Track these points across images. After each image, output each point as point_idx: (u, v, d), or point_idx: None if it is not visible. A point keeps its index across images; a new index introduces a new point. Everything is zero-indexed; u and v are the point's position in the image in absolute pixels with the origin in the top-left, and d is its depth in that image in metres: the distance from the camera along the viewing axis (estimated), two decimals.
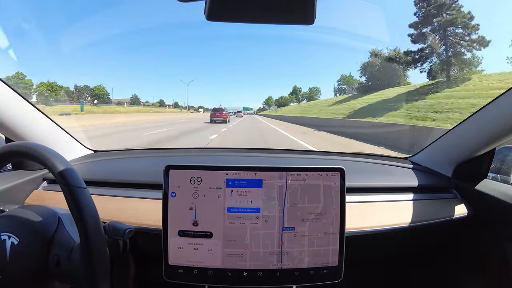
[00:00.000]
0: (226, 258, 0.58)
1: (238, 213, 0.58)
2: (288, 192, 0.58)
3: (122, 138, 8.29)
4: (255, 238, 0.58)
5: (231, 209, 0.58)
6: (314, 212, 0.59)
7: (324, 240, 0.59)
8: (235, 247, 0.58)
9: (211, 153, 1.30)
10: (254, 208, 0.58)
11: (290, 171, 0.59)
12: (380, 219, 0.75)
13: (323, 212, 0.59)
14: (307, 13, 0.43)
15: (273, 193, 0.58)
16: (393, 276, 1.03)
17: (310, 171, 0.59)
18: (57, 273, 0.51)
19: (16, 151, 0.53)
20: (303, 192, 0.59)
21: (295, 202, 0.58)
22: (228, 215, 0.58)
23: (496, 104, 0.71)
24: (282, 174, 0.59)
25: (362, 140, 7.80)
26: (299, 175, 0.59)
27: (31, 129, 0.84)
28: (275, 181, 0.58)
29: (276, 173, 0.59)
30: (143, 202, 0.78)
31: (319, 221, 0.59)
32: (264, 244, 0.58)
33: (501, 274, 0.75)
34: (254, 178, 0.58)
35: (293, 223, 0.58)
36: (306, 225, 0.58)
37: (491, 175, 0.85)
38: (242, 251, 0.58)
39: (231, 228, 0.58)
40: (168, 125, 13.62)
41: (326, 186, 0.59)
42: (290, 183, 0.58)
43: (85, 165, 1.00)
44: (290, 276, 0.58)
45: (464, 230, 0.84)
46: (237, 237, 0.58)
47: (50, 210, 0.58)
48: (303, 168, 0.59)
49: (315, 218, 0.59)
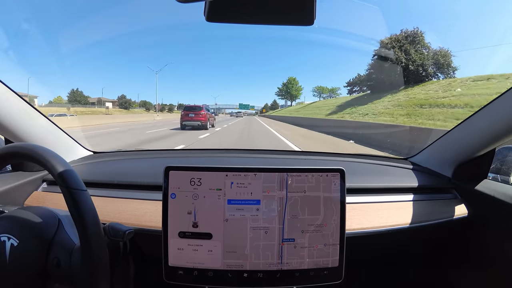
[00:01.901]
0: (226, 259, 0.58)
1: (238, 205, 0.58)
2: (289, 202, 0.58)
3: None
4: (256, 238, 0.58)
5: (231, 201, 0.58)
6: (315, 218, 0.58)
7: (324, 243, 0.59)
8: (235, 248, 0.58)
9: (211, 154, 1.30)
10: (254, 200, 0.58)
11: (290, 172, 0.59)
12: (380, 220, 0.75)
13: (324, 218, 0.59)
14: (306, 13, 0.43)
15: (273, 204, 0.58)
16: (393, 277, 1.03)
17: (310, 171, 0.59)
18: (56, 275, 0.51)
19: (15, 152, 0.53)
20: (304, 201, 0.58)
21: (295, 210, 0.58)
22: (228, 207, 0.58)
23: (496, 105, 0.71)
24: (282, 186, 0.58)
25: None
26: (299, 176, 0.58)
27: (30, 130, 0.84)
28: (275, 193, 0.58)
29: (276, 185, 0.58)
30: (143, 204, 0.78)
31: (319, 226, 0.58)
32: (265, 244, 0.58)
33: (501, 274, 0.75)
34: (254, 180, 0.58)
35: (294, 226, 0.58)
36: (306, 231, 0.58)
37: (491, 175, 0.85)
38: (242, 252, 0.58)
39: (232, 224, 0.58)
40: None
41: (326, 191, 0.59)
42: (290, 193, 0.58)
43: (85, 166, 1.00)
44: (290, 277, 0.58)
45: (464, 231, 0.84)
46: (237, 238, 0.58)
47: (50, 211, 0.58)
48: (303, 169, 0.59)
49: (315, 224, 0.58)
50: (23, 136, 0.82)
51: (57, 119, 11.55)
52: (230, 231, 0.58)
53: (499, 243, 0.76)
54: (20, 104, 0.80)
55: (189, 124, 9.75)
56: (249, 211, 0.58)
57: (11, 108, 0.77)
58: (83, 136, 6.56)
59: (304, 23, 0.44)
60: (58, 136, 0.97)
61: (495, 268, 0.77)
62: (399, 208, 0.80)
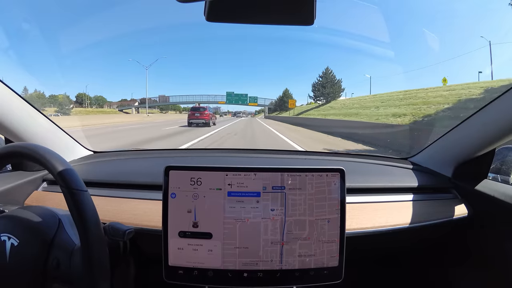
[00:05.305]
0: (226, 258, 0.58)
1: (238, 197, 0.58)
2: (288, 202, 0.58)
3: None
4: (255, 238, 0.58)
5: (231, 201, 0.58)
6: (315, 218, 0.58)
7: (324, 242, 0.59)
8: (235, 248, 0.58)
9: (211, 154, 1.30)
10: (254, 200, 0.58)
11: (290, 172, 0.59)
12: (380, 220, 0.75)
13: (324, 217, 0.59)
14: (306, 13, 0.43)
15: (273, 204, 0.58)
16: (393, 277, 1.03)
17: (310, 171, 0.59)
18: (56, 275, 0.51)
19: (16, 152, 0.53)
20: (304, 201, 0.58)
21: (295, 211, 0.58)
22: (228, 207, 0.58)
23: (496, 105, 0.71)
24: (282, 186, 0.58)
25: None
26: (299, 175, 0.58)
27: (31, 130, 0.84)
28: (275, 193, 0.58)
29: (276, 185, 0.58)
30: (143, 203, 0.78)
31: (320, 226, 0.59)
32: (265, 244, 0.58)
33: (501, 274, 0.75)
34: (254, 180, 0.58)
35: (294, 228, 0.58)
36: (306, 231, 0.58)
37: (491, 175, 0.85)
38: (242, 252, 0.58)
39: (232, 223, 0.58)
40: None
41: (326, 191, 0.59)
42: (288, 192, 0.58)
43: (85, 166, 1.00)
44: (290, 276, 0.58)
45: (464, 231, 0.84)
46: (237, 238, 0.58)
47: (50, 211, 0.58)
48: (303, 169, 0.59)
49: (315, 223, 0.59)
50: (23, 135, 0.82)
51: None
52: (230, 231, 0.58)
53: (499, 243, 0.76)
54: (21, 103, 0.80)
55: (195, 122, 11.60)
56: (249, 211, 0.58)
57: (12, 107, 0.77)
58: (83, 135, 6.38)
59: (304, 23, 0.45)
60: (58, 135, 0.98)
61: (495, 268, 0.77)
62: (399, 208, 0.80)
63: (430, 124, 8.98)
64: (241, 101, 22.92)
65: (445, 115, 9.33)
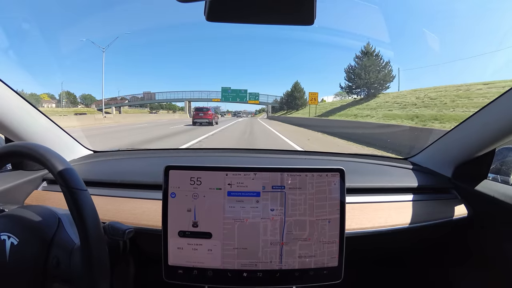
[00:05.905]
0: (225, 259, 0.58)
1: (238, 196, 0.58)
2: (288, 201, 0.58)
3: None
4: (255, 238, 0.58)
5: (231, 201, 0.58)
6: (315, 218, 0.58)
7: (325, 243, 0.59)
8: (234, 248, 0.58)
9: (211, 154, 1.30)
10: (254, 200, 0.58)
11: (290, 172, 0.59)
12: (380, 220, 0.75)
13: (325, 218, 0.59)
14: (306, 13, 0.43)
15: (272, 204, 0.58)
16: (393, 277, 1.03)
17: (310, 171, 0.59)
18: (56, 274, 0.51)
19: (16, 151, 0.53)
20: (304, 201, 0.58)
21: (295, 212, 0.58)
22: (228, 207, 0.58)
23: (496, 105, 0.71)
24: (281, 186, 0.58)
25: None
26: (299, 175, 0.58)
27: (31, 129, 0.84)
28: (275, 193, 0.58)
29: (276, 185, 0.58)
30: (143, 203, 0.78)
31: (319, 226, 0.58)
32: (264, 244, 0.58)
33: (501, 274, 0.75)
34: (254, 180, 0.58)
35: (294, 228, 0.58)
36: (306, 231, 0.58)
37: (491, 175, 0.85)
38: (242, 251, 0.58)
39: (232, 223, 0.58)
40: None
41: (326, 191, 0.59)
42: (288, 191, 0.58)
43: (85, 165, 1.00)
44: (290, 276, 0.58)
45: (464, 231, 0.84)
46: (237, 238, 0.58)
47: (50, 210, 0.58)
48: (303, 169, 0.59)
49: (316, 224, 0.58)
50: (23, 135, 0.82)
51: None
52: (230, 231, 0.58)
53: (499, 243, 0.76)
54: (20, 103, 0.80)
55: (199, 121, 12.59)
56: (249, 211, 0.58)
57: (12, 107, 0.77)
58: (83, 135, 6.35)
59: (304, 22, 0.45)
60: (58, 135, 0.98)
61: (495, 268, 0.77)
62: (399, 208, 0.80)
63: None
64: (239, 98, 19.43)
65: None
